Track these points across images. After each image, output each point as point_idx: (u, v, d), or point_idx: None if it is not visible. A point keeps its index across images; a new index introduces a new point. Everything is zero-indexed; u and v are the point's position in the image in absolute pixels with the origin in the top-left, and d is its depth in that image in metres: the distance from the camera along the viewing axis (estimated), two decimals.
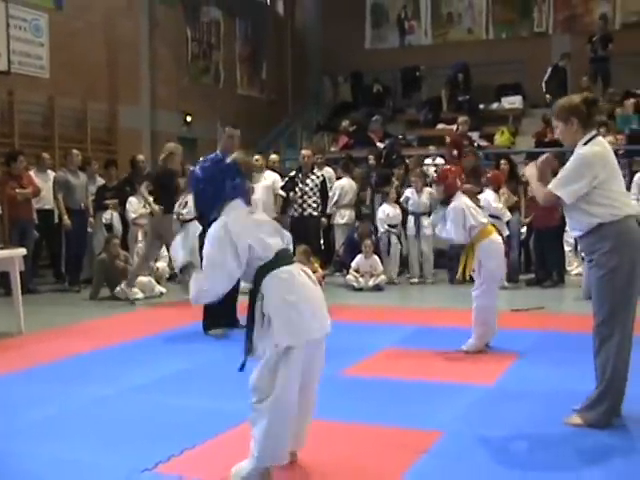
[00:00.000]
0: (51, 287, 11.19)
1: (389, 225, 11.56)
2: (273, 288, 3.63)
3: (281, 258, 3.72)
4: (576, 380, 5.42)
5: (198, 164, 4.01)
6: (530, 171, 4.77)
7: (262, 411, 3.62)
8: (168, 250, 11.56)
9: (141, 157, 12.73)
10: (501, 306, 8.96)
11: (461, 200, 6.67)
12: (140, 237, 11.43)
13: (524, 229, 11.72)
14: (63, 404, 5.14)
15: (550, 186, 4.48)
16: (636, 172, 10.82)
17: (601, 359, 4.43)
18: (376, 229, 11.77)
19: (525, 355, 6.45)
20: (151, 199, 9.91)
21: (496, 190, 10.85)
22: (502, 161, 12.11)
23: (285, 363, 3.58)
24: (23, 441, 4.41)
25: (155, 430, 4.54)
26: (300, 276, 3.74)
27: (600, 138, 4.56)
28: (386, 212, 11.58)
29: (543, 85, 16.90)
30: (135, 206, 11.54)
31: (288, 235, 3.96)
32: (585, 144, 4.46)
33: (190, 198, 9.69)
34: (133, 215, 11.55)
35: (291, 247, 4.04)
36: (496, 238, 6.77)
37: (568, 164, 4.46)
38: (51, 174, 11.44)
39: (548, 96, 16.18)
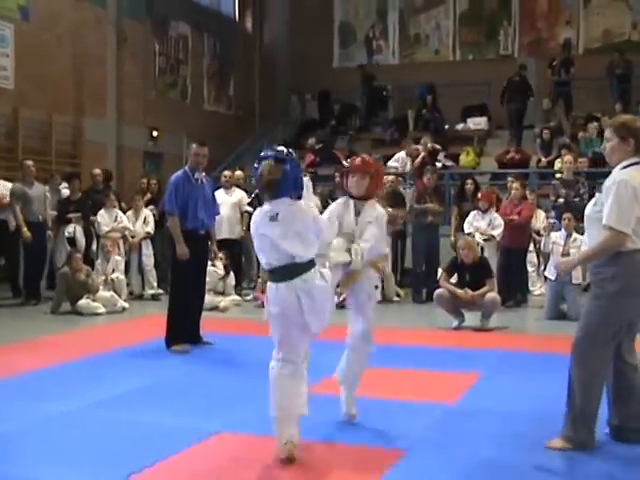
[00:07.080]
0: (10, 301, 10.99)
1: None
2: None
3: None
4: (537, 400, 5.46)
5: None
6: (566, 264, 5.24)
7: None
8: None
9: (97, 171, 12.41)
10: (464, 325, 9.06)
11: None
12: (120, 250, 11.31)
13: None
14: (23, 421, 5.05)
15: (607, 222, 4.21)
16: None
17: (575, 377, 4.38)
18: None
19: (487, 374, 6.47)
20: None
21: (487, 209, 10.97)
22: (468, 181, 12.24)
23: None
24: None
25: (116, 447, 4.48)
26: None
27: None
28: None
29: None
30: (107, 219, 11.44)
31: None
32: (624, 167, 4.31)
33: None
34: (106, 228, 11.36)
35: None
36: None
37: (615, 193, 4.23)
38: (7, 185, 11.12)
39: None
